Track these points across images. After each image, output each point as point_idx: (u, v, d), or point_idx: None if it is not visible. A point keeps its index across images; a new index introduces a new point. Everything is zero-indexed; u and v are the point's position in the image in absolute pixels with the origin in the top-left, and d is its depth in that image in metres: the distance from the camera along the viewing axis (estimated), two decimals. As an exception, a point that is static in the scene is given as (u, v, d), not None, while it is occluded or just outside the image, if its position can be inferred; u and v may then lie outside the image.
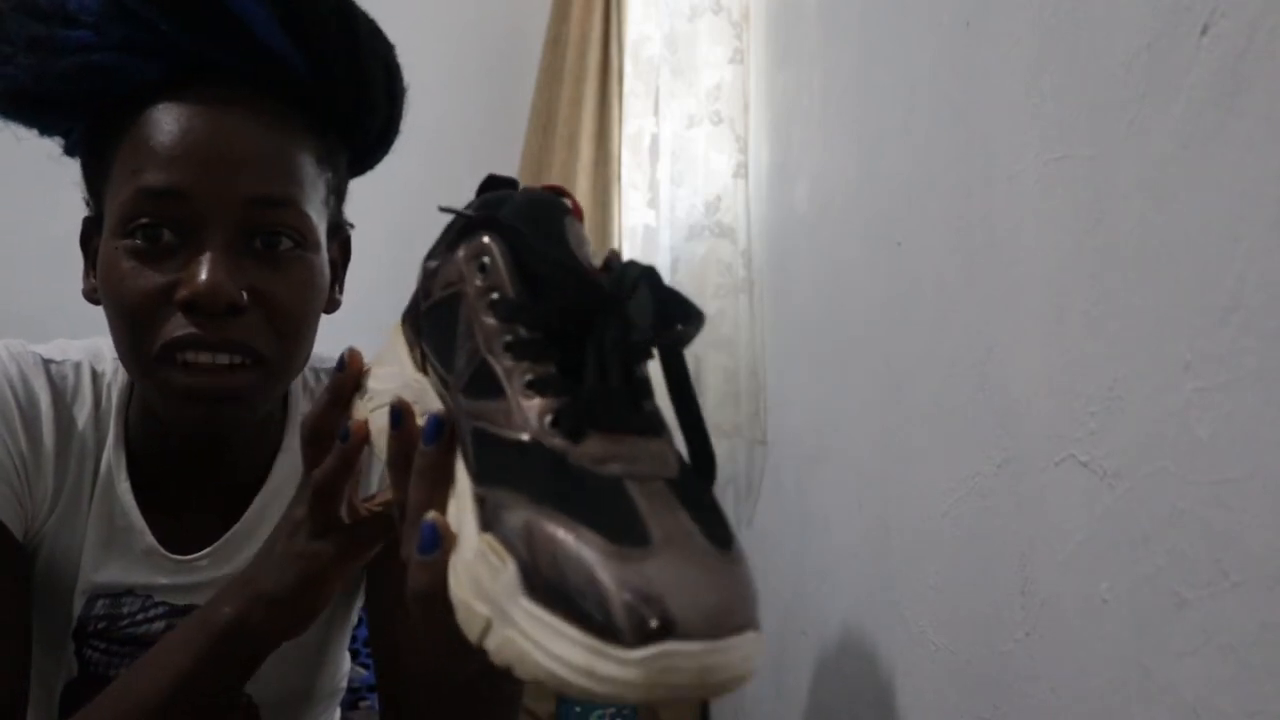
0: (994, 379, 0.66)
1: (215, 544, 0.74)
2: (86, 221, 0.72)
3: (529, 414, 0.40)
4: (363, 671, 1.57)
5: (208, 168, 0.65)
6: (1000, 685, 0.64)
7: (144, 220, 0.64)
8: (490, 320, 0.42)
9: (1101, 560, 0.51)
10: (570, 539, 0.34)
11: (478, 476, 0.40)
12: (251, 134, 0.67)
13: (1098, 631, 0.51)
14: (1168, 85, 0.46)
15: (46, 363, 0.73)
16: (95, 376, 0.74)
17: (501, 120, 2.12)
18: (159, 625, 0.73)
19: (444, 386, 0.45)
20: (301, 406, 0.80)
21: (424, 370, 0.49)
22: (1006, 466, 0.64)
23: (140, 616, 0.73)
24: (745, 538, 1.58)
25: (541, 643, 0.34)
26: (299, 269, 0.68)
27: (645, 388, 0.41)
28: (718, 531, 0.36)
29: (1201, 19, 0.43)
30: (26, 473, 0.70)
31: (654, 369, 0.41)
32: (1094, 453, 0.52)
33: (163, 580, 0.73)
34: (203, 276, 0.63)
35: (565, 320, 0.41)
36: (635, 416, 0.40)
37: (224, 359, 0.64)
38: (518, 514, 0.37)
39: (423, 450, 0.44)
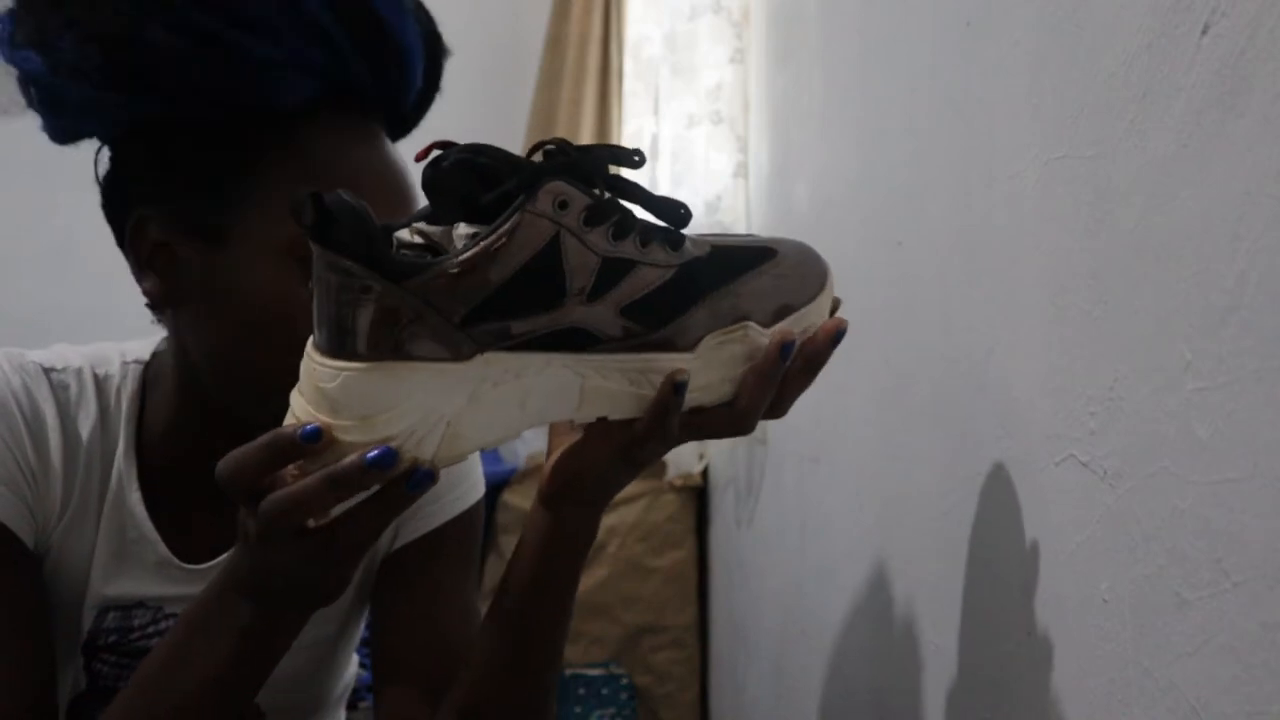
0: (994, 379, 0.66)
1: (229, 553, 0.73)
2: (147, 216, 0.68)
3: (658, 255, 0.54)
4: (362, 673, 1.57)
5: (387, 192, 0.67)
6: (1000, 685, 0.64)
7: None
8: (594, 232, 0.52)
9: (1101, 560, 0.51)
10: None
11: (672, 316, 0.55)
12: (400, 165, 0.70)
13: (1098, 631, 0.51)
14: (1168, 85, 0.46)
15: (48, 372, 0.72)
16: (99, 382, 0.73)
17: (501, 120, 2.12)
18: None
19: (550, 318, 0.52)
20: None
21: (472, 356, 0.51)
22: (1006, 466, 0.64)
23: (151, 629, 0.73)
24: (745, 537, 1.58)
25: None
26: None
27: None
28: None
29: (1201, 19, 0.43)
30: (35, 484, 0.69)
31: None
32: (1094, 453, 0.52)
33: (175, 591, 0.73)
34: None
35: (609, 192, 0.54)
36: None
37: None
38: (727, 300, 0.56)
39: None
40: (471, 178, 0.51)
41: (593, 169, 0.53)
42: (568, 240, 0.51)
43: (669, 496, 1.93)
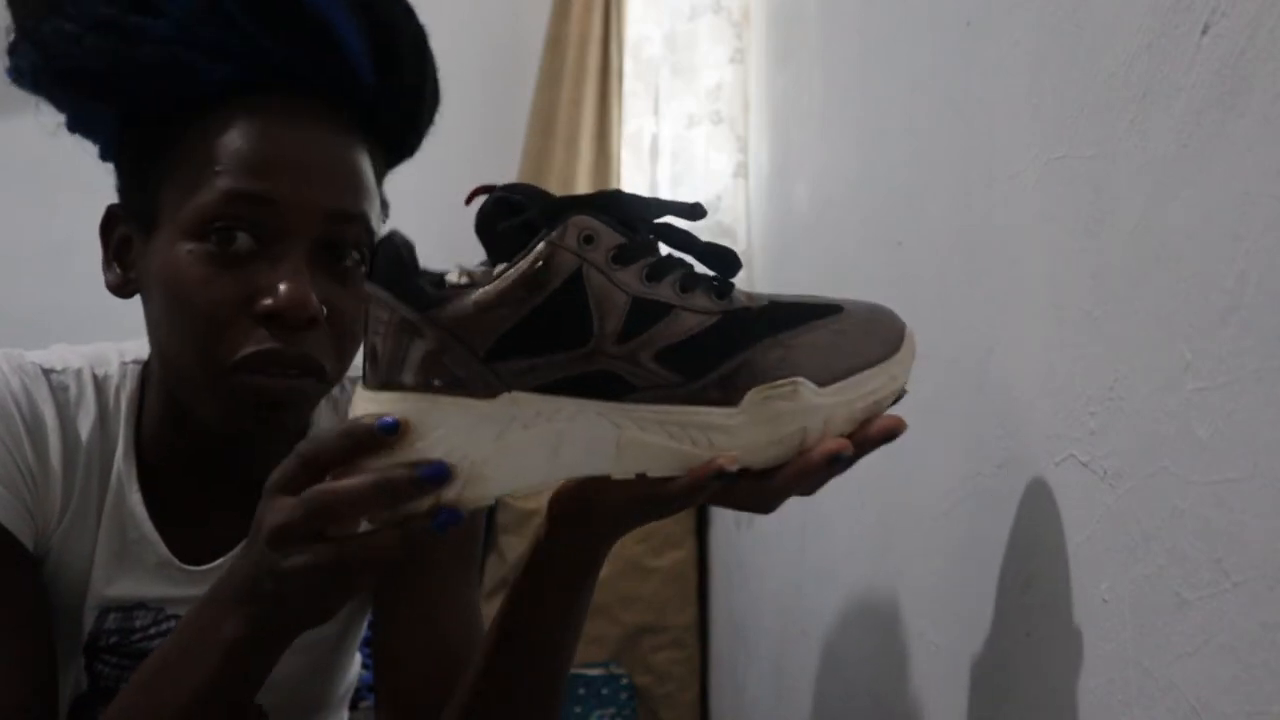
0: (994, 379, 0.66)
1: (230, 554, 0.73)
2: (113, 210, 0.71)
3: (701, 302, 0.52)
4: (363, 672, 1.57)
5: (299, 176, 0.65)
6: (1000, 685, 0.64)
7: (221, 223, 0.63)
8: (624, 271, 0.50)
9: (1101, 560, 0.51)
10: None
11: (708, 369, 0.52)
12: (333, 146, 0.68)
13: (1098, 631, 0.51)
14: (1168, 85, 0.46)
15: (47, 373, 0.72)
16: (99, 382, 0.73)
17: (501, 121, 2.12)
18: None
19: (579, 358, 0.50)
20: (323, 415, 0.79)
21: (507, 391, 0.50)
22: (1006, 466, 0.64)
23: (153, 630, 0.73)
24: (745, 537, 1.58)
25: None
26: (361, 284, 0.68)
27: None
28: None
29: (1201, 19, 0.43)
30: (35, 485, 0.69)
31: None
32: (1094, 453, 0.52)
33: (176, 592, 0.73)
34: (286, 287, 0.62)
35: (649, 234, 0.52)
36: None
37: (295, 377, 0.64)
38: (775, 351, 0.52)
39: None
40: (509, 216, 0.51)
41: (632, 211, 0.51)
42: (593, 276, 0.50)
43: (669, 496, 1.92)
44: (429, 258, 0.51)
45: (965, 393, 0.70)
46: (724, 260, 0.54)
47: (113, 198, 0.72)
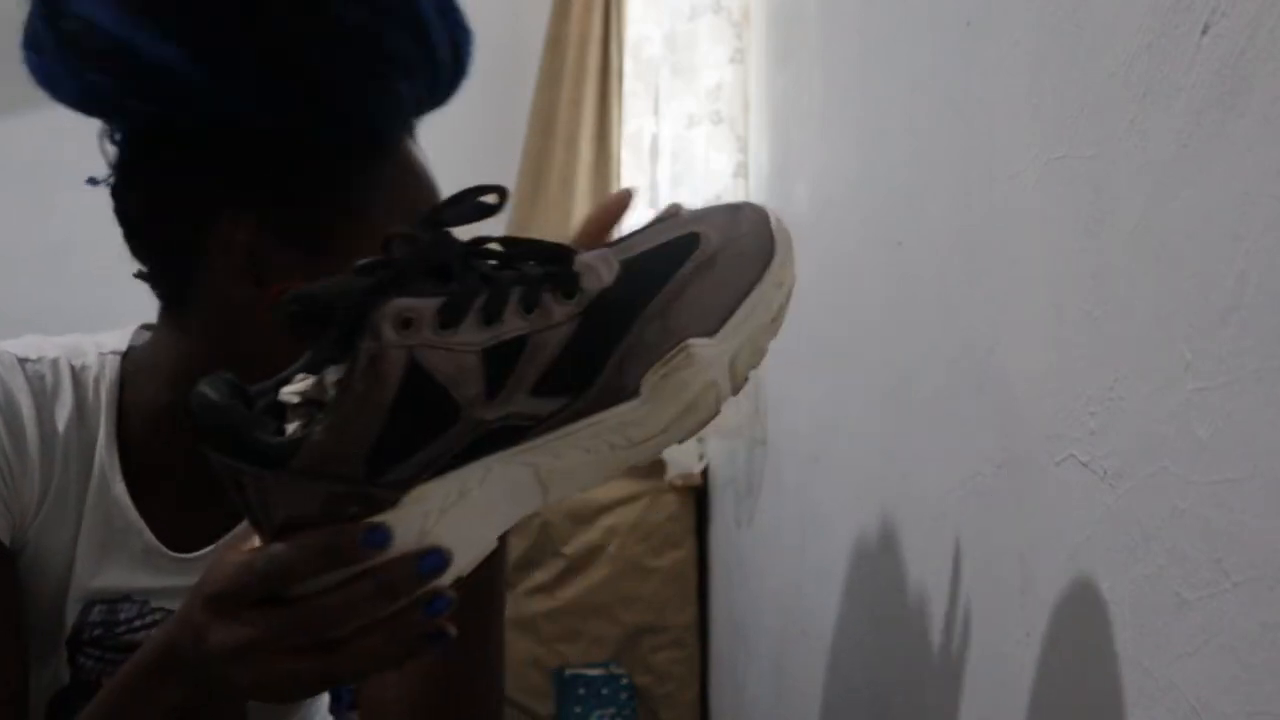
0: (994, 379, 0.66)
1: (219, 542, 0.73)
2: (240, 218, 0.66)
3: (552, 313, 0.47)
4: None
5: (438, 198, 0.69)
6: (1000, 685, 0.64)
7: None
8: (459, 331, 0.46)
9: (1101, 560, 0.51)
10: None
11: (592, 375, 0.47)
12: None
13: (1098, 631, 0.51)
14: (1168, 85, 0.46)
15: (23, 362, 0.71)
16: (76, 373, 0.72)
17: (501, 121, 2.12)
18: None
19: (459, 434, 0.46)
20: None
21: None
22: (1006, 466, 0.64)
23: (138, 623, 0.72)
24: (745, 537, 1.58)
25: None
26: None
27: None
28: None
29: (1201, 19, 0.43)
30: (12, 477, 0.68)
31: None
32: (1094, 453, 0.52)
33: (163, 583, 0.72)
34: None
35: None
36: None
37: None
38: (651, 325, 0.47)
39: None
40: (318, 314, 0.46)
41: (439, 252, 0.47)
42: (429, 356, 0.45)
43: (669, 496, 1.92)
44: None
45: (965, 393, 0.70)
46: (556, 255, 0.49)
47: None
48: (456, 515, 0.47)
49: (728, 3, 1.55)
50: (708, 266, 0.48)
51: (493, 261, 0.48)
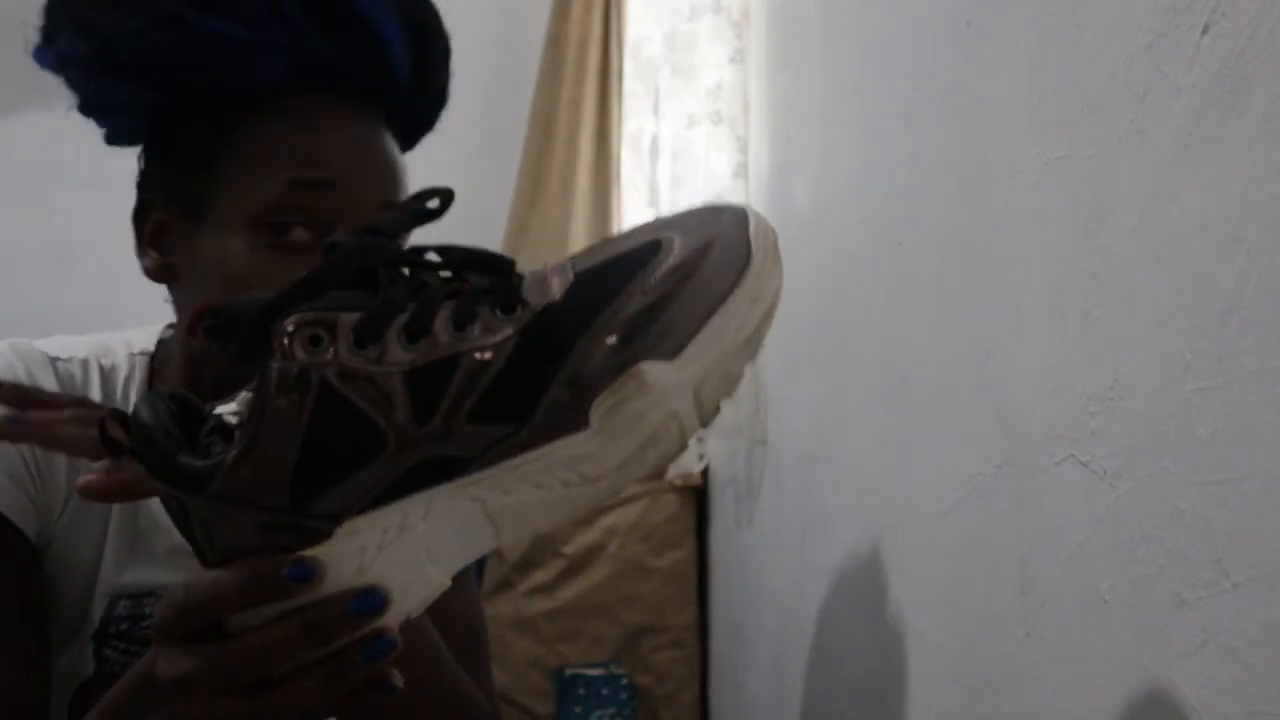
0: (994, 379, 0.66)
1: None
2: (148, 198, 0.72)
3: (489, 331, 0.42)
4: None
5: (356, 166, 0.67)
6: (1000, 685, 0.64)
7: (287, 216, 0.65)
8: (374, 347, 0.42)
9: (1101, 560, 0.51)
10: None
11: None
12: (380, 139, 0.70)
13: (1098, 631, 0.51)
14: (1168, 85, 0.46)
15: (53, 361, 0.72)
16: (104, 373, 0.74)
17: (501, 121, 2.12)
18: None
19: (389, 461, 0.42)
20: None
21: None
22: (1006, 466, 0.64)
23: None
24: (745, 537, 1.58)
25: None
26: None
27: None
28: None
29: (1201, 19, 0.43)
30: (39, 474, 0.69)
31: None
32: (1094, 453, 0.52)
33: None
34: None
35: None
36: None
37: None
38: (599, 345, 0.41)
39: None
40: (227, 329, 0.43)
41: (362, 258, 0.43)
42: (343, 377, 0.41)
43: (669, 496, 1.92)
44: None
45: (965, 393, 0.70)
46: (494, 263, 0.44)
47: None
48: (397, 551, 0.43)
49: (728, 3, 1.55)
50: (670, 277, 0.42)
51: (431, 271, 0.44)
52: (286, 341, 0.41)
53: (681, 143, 1.59)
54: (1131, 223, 0.49)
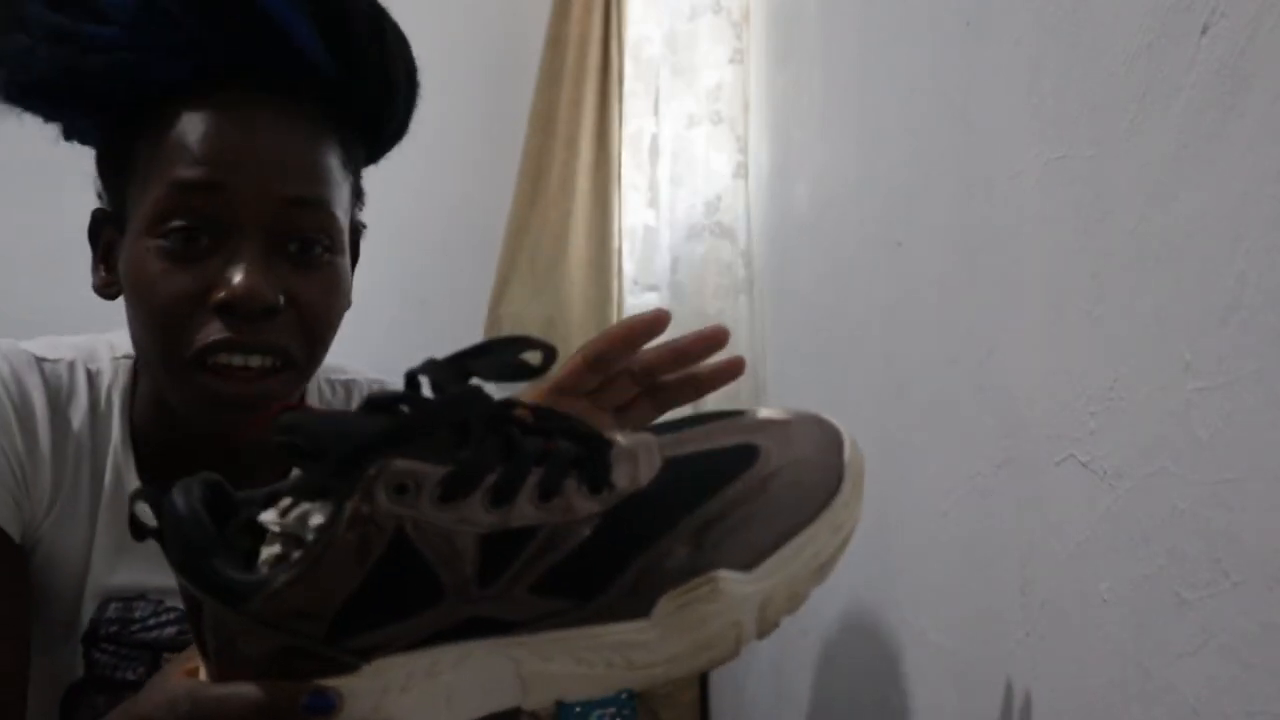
0: (994, 379, 0.66)
1: None
2: (98, 215, 0.72)
3: (573, 508, 0.42)
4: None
5: (246, 167, 0.65)
6: (1000, 685, 0.64)
7: (178, 220, 0.64)
8: (460, 507, 0.41)
9: (1101, 560, 0.51)
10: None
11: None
12: (286, 136, 0.67)
13: (1098, 631, 0.51)
14: (1168, 85, 0.46)
15: (39, 361, 0.72)
16: (90, 377, 0.73)
17: (501, 121, 2.12)
18: (170, 630, 0.73)
19: (438, 615, 0.41)
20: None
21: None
22: (1006, 466, 0.64)
23: (152, 621, 0.73)
24: (745, 538, 1.58)
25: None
26: (329, 272, 0.68)
27: None
28: None
29: (1201, 19, 0.43)
30: (24, 474, 0.69)
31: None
32: (1094, 453, 0.52)
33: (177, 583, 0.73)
34: (239, 279, 0.63)
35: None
36: None
37: (256, 361, 0.65)
38: (681, 547, 0.42)
39: None
40: (305, 450, 0.41)
41: (460, 410, 0.42)
42: (421, 531, 0.40)
43: (669, 496, 1.92)
44: (431, 257, 0.50)
45: (965, 393, 0.70)
46: (591, 439, 0.43)
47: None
48: (419, 695, 0.42)
49: (728, 3, 1.55)
50: (760, 489, 0.43)
51: (521, 430, 0.43)
52: (374, 486, 0.40)
53: (681, 143, 1.59)
54: (1131, 223, 0.49)
